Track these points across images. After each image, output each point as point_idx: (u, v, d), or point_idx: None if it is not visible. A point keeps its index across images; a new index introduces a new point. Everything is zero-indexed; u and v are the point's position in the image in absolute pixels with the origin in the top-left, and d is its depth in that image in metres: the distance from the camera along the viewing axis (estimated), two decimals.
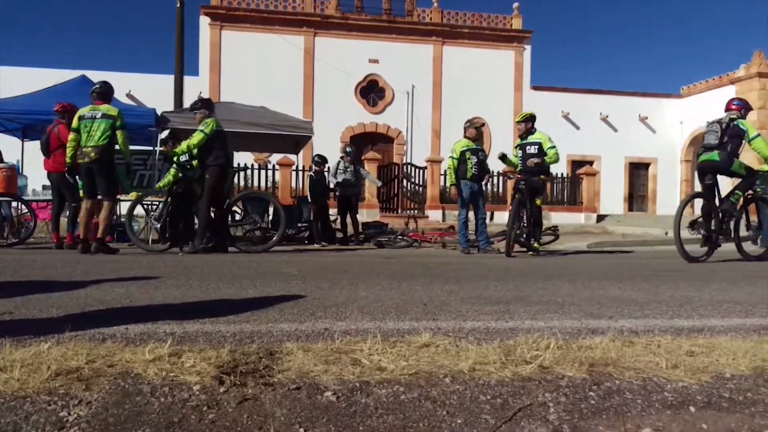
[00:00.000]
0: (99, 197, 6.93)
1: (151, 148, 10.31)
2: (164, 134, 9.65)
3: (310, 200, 10.20)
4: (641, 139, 26.21)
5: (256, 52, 22.94)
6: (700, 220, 7.20)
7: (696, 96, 26.04)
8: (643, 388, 1.78)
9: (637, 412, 1.66)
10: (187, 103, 13.96)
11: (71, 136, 6.92)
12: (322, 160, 10.65)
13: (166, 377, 1.67)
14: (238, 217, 8.60)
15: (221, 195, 7.30)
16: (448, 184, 8.33)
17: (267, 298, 3.31)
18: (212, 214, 7.24)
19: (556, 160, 7.85)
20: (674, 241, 6.92)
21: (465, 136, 8.54)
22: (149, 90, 20.13)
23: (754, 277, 5.14)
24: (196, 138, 7.05)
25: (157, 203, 8.52)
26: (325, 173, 10.75)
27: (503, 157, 8.05)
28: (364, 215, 14.48)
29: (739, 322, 2.84)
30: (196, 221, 7.29)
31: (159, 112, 9.90)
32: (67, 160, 6.99)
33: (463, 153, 8.21)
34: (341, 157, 10.97)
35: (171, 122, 9.61)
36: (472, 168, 8.14)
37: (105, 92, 7.13)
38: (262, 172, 16.81)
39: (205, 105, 7.45)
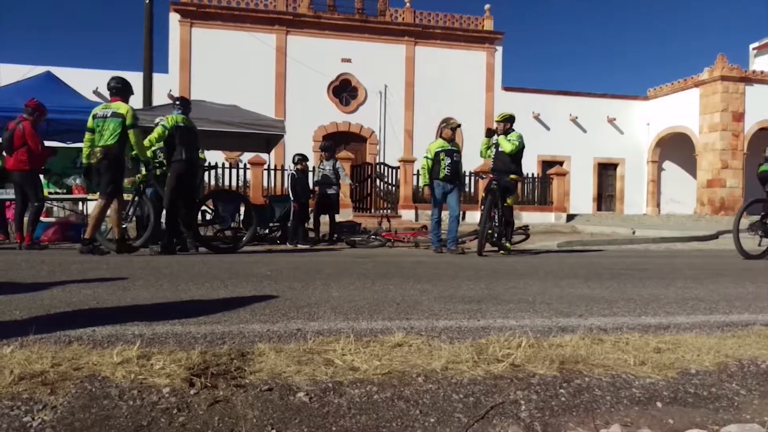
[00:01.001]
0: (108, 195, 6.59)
1: None
2: None
3: (292, 199, 10.08)
4: (609, 140, 26.69)
5: (228, 50, 22.68)
6: (758, 222, 8.08)
7: (662, 98, 26.62)
8: (612, 385, 1.81)
9: (606, 409, 1.69)
10: (156, 101, 13.75)
11: (86, 135, 6.64)
12: (303, 158, 10.55)
13: (134, 380, 1.64)
14: (208, 216, 8.48)
15: (189, 193, 7.18)
16: (421, 184, 8.27)
17: (238, 298, 3.28)
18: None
19: (512, 150, 7.83)
20: (733, 241, 8.00)
21: (440, 137, 8.48)
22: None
23: (722, 275, 5.28)
24: (155, 132, 6.96)
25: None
26: (309, 172, 10.57)
27: (490, 132, 8.17)
28: (338, 215, 14.42)
29: (704, 319, 2.91)
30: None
31: None
32: (84, 160, 6.75)
33: (437, 153, 8.18)
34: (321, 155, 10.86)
35: (139, 120, 9.43)
36: (445, 168, 8.12)
37: (121, 89, 6.78)
38: (233, 171, 16.62)
39: (182, 104, 7.38)
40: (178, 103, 7.42)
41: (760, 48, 29.90)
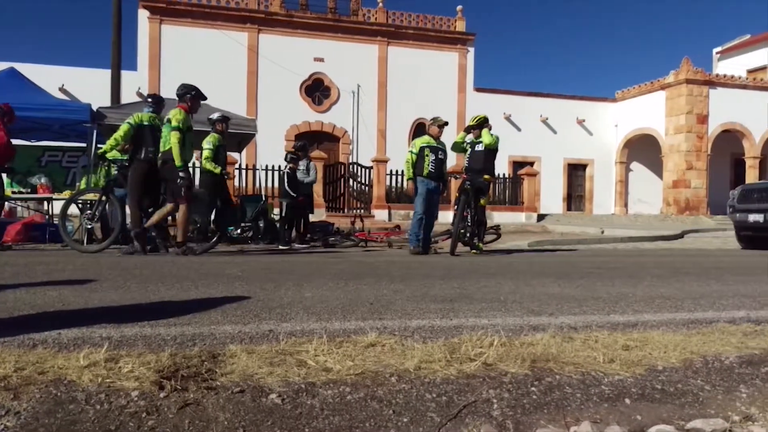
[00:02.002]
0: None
1: (84, 144, 9.91)
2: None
3: (294, 196, 9.87)
4: (579, 141, 27.13)
5: (199, 47, 22.39)
6: None
7: (629, 100, 27.16)
8: (582, 382, 1.84)
9: (576, 406, 1.71)
10: (124, 99, 13.51)
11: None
12: (297, 156, 10.38)
13: (102, 384, 1.60)
14: None
15: (154, 193, 7.07)
16: (405, 179, 8.13)
17: (209, 299, 3.24)
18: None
19: (491, 143, 7.88)
20: None
21: (428, 133, 8.29)
22: (84, 85, 19.33)
23: (691, 273, 5.41)
24: (120, 130, 6.86)
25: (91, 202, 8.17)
26: (298, 171, 10.35)
27: (469, 129, 8.16)
28: (311, 215, 14.35)
29: (670, 317, 2.98)
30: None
31: (95, 108, 9.51)
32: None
33: (422, 149, 8.02)
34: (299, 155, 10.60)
35: (107, 118, 9.26)
36: (429, 165, 8.02)
37: (181, 95, 6.92)
38: None
39: (153, 101, 7.26)
40: (150, 100, 7.30)
41: (723, 52, 30.76)
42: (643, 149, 26.80)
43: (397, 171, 18.71)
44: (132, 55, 22.76)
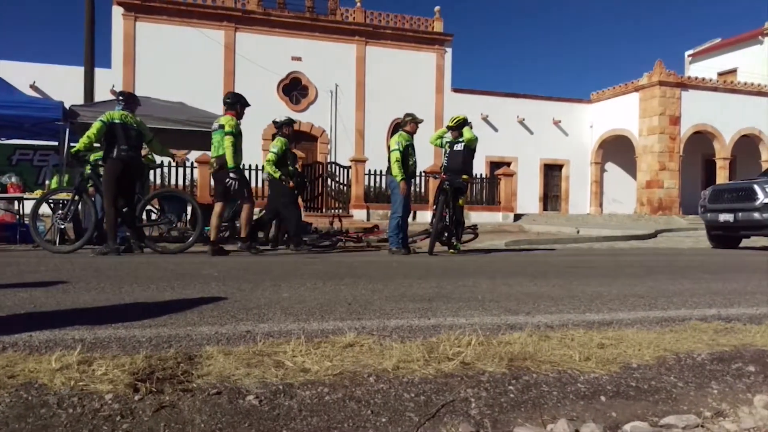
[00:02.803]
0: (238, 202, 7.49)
1: (56, 143, 9.72)
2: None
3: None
4: (555, 141, 27.43)
5: (174, 45, 22.11)
6: None
7: (604, 102, 27.56)
8: (559, 381, 1.86)
9: (553, 404, 1.73)
10: (98, 97, 13.26)
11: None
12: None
13: (74, 387, 1.57)
14: (153, 216, 8.25)
15: (129, 192, 6.96)
16: (399, 178, 7.70)
17: (185, 300, 3.20)
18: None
19: (472, 139, 7.89)
20: None
21: (405, 130, 8.05)
22: (56, 82, 18.98)
23: (659, 272, 5.50)
24: (93, 128, 6.75)
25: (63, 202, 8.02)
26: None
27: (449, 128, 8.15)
28: None
29: (644, 315, 3.03)
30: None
31: (67, 106, 9.33)
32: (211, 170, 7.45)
33: (406, 147, 7.96)
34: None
35: (81, 116, 9.09)
36: (411, 165, 7.97)
37: (231, 102, 7.27)
38: (180, 169, 16.20)
39: (124, 99, 7.15)
40: (121, 98, 7.20)
41: (694, 55, 31.38)
42: (617, 150, 27.21)
43: (375, 171, 18.71)
44: (106, 52, 22.44)
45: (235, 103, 7.30)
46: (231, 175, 6.92)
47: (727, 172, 25.90)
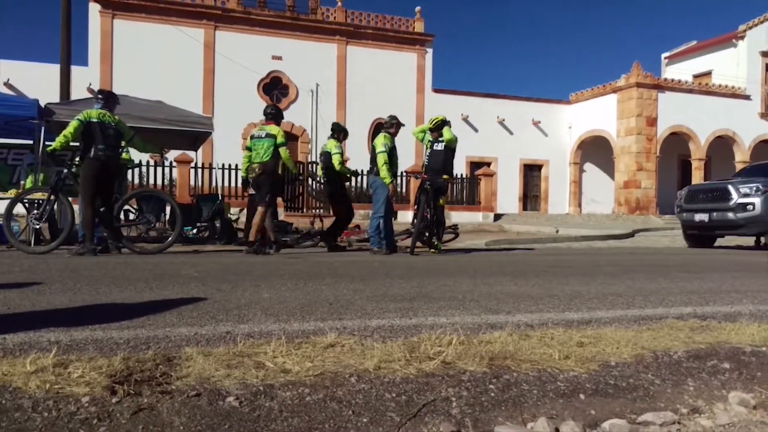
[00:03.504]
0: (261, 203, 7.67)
1: (31, 142, 9.54)
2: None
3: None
4: (534, 142, 27.67)
5: (153, 43, 21.85)
6: None
7: (583, 103, 27.87)
8: (539, 379, 1.87)
9: (533, 402, 1.74)
10: (74, 95, 13.04)
11: (245, 153, 7.80)
12: None
13: (50, 390, 1.54)
14: (131, 216, 8.14)
15: (106, 191, 6.87)
16: (387, 181, 7.78)
17: (164, 301, 3.16)
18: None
19: (452, 140, 7.92)
20: None
21: (389, 132, 8.15)
22: (32, 79, 18.66)
23: (636, 271, 5.58)
24: (70, 127, 6.65)
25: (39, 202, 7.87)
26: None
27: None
28: None
29: (622, 314, 3.07)
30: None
31: (42, 104, 9.16)
32: (243, 174, 8.00)
33: (391, 149, 8.00)
34: None
35: (56, 115, 8.93)
36: (394, 166, 8.05)
37: (275, 114, 7.92)
38: (159, 169, 16.02)
39: (103, 98, 7.04)
40: (100, 96, 7.09)
41: (670, 58, 31.87)
42: (595, 150, 27.53)
43: (356, 171, 18.67)
44: (83, 50, 22.10)
45: (277, 115, 7.96)
46: (300, 178, 7.79)
47: (703, 172, 26.36)
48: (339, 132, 8.88)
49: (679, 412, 1.77)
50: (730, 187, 10.29)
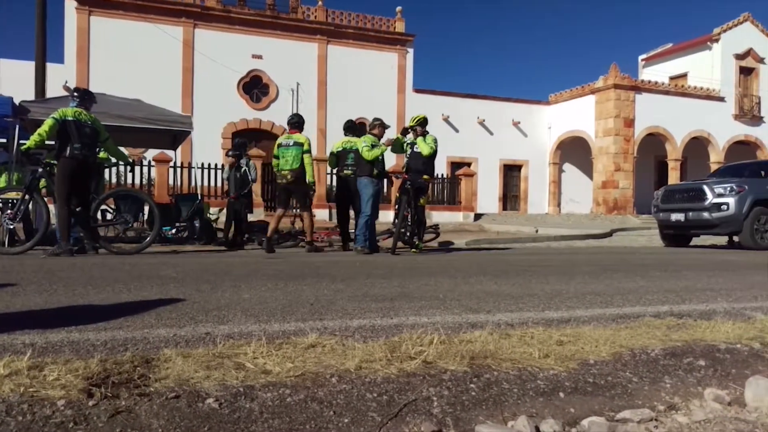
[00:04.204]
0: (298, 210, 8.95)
1: (5, 140, 9.35)
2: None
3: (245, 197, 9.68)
4: (514, 142, 27.86)
5: (131, 41, 21.55)
6: None
7: (562, 103, 28.13)
8: (519, 378, 1.89)
9: (513, 401, 1.75)
10: (50, 93, 12.81)
11: (274, 161, 8.41)
12: (239, 155, 10.11)
13: (24, 393, 1.51)
14: (109, 216, 8.03)
15: (82, 191, 6.76)
16: (379, 150, 7.94)
17: (142, 302, 3.12)
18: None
19: (428, 152, 7.95)
20: None
21: (373, 133, 8.19)
22: (5, 77, 18.26)
23: (615, 270, 5.65)
24: (45, 125, 6.53)
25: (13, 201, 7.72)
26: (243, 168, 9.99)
27: (405, 131, 8.22)
28: (250, 214, 14.10)
29: (600, 312, 3.10)
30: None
31: (17, 101, 8.99)
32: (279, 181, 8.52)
33: (373, 147, 8.02)
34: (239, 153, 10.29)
35: (32, 113, 8.77)
36: (381, 165, 8.12)
37: (299, 122, 8.41)
38: (137, 168, 15.81)
39: (79, 96, 6.93)
40: (76, 95, 6.98)
41: (647, 60, 32.31)
42: (574, 151, 27.81)
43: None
44: (59, 47, 21.73)
45: (301, 123, 8.44)
46: (314, 188, 8.47)
47: (679, 173, 26.79)
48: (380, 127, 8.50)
49: (656, 409, 1.80)
50: (705, 188, 10.47)
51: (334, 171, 9.46)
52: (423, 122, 8.05)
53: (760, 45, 28.58)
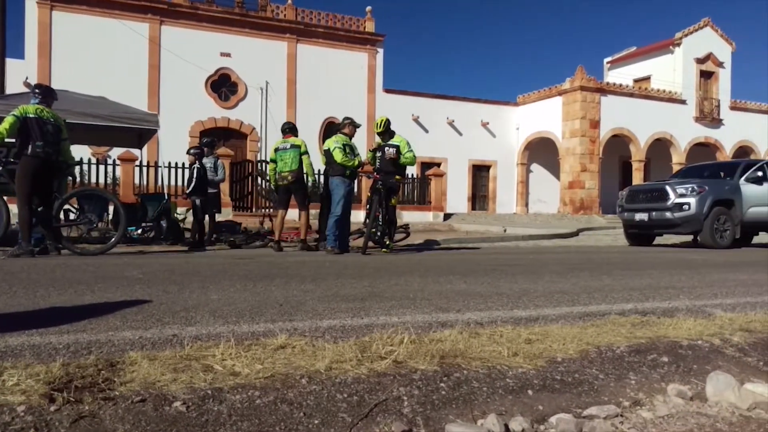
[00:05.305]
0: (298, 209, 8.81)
1: None
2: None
3: (203, 195, 9.46)
4: (483, 142, 28.12)
5: (95, 37, 21.06)
6: None
7: (530, 105, 28.51)
8: (488, 376, 1.90)
9: (483, 399, 1.77)
10: (10, 89, 12.44)
11: (270, 165, 8.78)
12: (204, 153, 9.92)
13: None
14: (72, 216, 7.84)
15: (45, 190, 6.58)
16: (350, 162, 7.97)
17: (107, 304, 3.05)
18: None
19: (412, 162, 8.09)
20: None
21: (343, 132, 8.24)
22: None
23: (581, 269, 5.74)
24: (5, 123, 6.34)
25: None
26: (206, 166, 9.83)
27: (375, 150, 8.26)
28: (218, 214, 13.92)
29: (567, 311, 3.15)
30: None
31: None
32: (272, 183, 9.02)
33: (344, 146, 7.96)
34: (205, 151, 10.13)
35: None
36: (352, 165, 8.11)
37: (293, 128, 8.76)
38: (101, 167, 15.46)
39: (40, 92, 6.74)
40: (37, 91, 6.78)
41: (612, 62, 32.97)
42: (542, 151, 28.21)
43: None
44: (19, 42, 21.10)
45: (294, 129, 8.77)
46: (310, 186, 8.78)
47: (642, 173, 27.41)
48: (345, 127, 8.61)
49: (621, 405, 1.83)
50: (668, 188, 10.74)
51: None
52: (387, 123, 8.18)
53: (720, 50, 29.45)
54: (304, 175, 8.48)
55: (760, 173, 10.89)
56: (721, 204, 10.45)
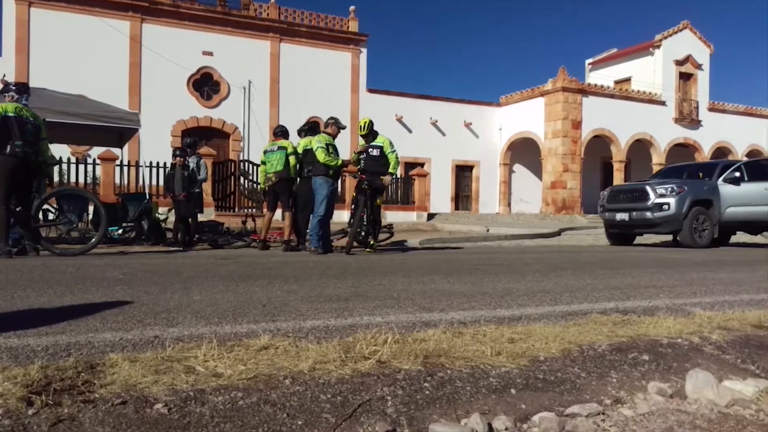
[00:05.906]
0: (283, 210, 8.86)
1: None
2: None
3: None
4: (466, 143, 28.25)
5: (74, 34, 20.77)
6: None
7: (512, 105, 28.71)
8: (472, 376, 1.91)
9: (466, 399, 1.77)
10: None
11: (261, 167, 8.97)
12: (187, 153, 9.82)
13: None
14: (51, 216, 7.72)
15: (23, 190, 6.47)
16: (333, 162, 7.92)
17: (87, 305, 3.01)
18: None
19: (395, 166, 8.07)
20: None
21: (326, 132, 8.26)
22: None
23: (567, 268, 5.79)
24: None
25: None
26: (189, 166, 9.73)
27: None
28: (201, 214, 13.80)
29: (550, 310, 3.18)
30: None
31: None
32: (261, 185, 9.06)
33: (327, 146, 7.92)
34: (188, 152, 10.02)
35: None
36: (335, 165, 8.07)
37: (284, 132, 8.85)
38: (81, 166, 15.25)
39: (17, 90, 6.61)
40: (14, 89, 6.66)
41: (594, 64, 33.31)
42: (524, 152, 28.41)
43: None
44: None
45: (286, 133, 8.87)
46: (294, 188, 8.76)
47: (623, 173, 27.73)
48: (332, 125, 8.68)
49: (603, 403, 1.85)
50: (648, 188, 10.87)
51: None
52: (370, 125, 8.13)
53: (698, 52, 29.90)
54: (289, 176, 8.53)
55: (737, 174, 11.06)
56: (700, 204, 10.60)
